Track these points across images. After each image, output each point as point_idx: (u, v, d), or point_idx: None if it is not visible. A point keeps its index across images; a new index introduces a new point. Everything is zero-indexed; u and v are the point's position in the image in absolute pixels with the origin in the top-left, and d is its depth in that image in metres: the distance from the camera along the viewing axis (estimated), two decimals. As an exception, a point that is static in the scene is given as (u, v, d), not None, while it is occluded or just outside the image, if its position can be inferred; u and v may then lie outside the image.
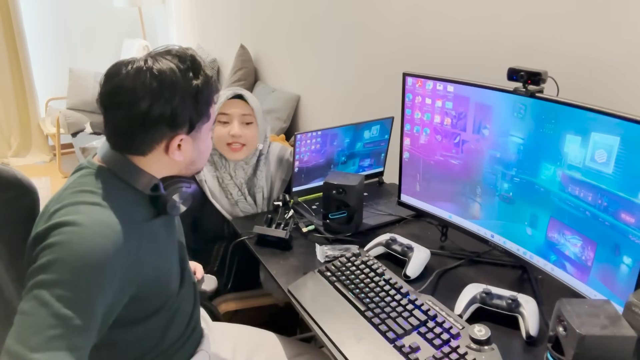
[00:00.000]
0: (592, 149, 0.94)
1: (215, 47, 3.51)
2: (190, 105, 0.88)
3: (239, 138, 1.43)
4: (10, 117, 4.09)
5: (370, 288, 1.09)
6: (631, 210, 0.89)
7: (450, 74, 1.23)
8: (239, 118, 1.44)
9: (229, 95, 1.44)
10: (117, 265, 0.80)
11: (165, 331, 0.99)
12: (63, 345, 0.71)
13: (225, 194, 1.50)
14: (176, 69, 0.87)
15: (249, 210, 1.53)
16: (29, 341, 0.70)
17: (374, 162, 1.71)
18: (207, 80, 0.91)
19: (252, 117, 1.46)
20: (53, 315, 0.72)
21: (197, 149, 0.95)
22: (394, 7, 1.76)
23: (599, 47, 1.15)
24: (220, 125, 1.44)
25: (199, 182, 1.48)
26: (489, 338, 0.91)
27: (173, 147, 0.90)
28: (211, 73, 0.93)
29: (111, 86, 0.86)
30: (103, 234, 0.80)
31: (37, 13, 4.08)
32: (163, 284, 0.95)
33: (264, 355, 1.20)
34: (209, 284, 1.29)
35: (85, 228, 0.79)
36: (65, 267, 0.75)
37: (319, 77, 2.35)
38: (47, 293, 0.73)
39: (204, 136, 0.95)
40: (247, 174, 1.51)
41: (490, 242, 1.22)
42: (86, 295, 0.75)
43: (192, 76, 0.88)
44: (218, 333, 1.20)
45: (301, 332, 1.66)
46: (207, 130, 0.96)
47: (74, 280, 0.75)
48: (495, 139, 1.15)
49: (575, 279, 1.02)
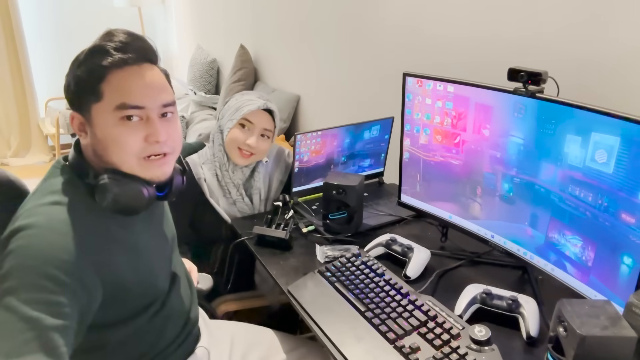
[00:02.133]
0: (592, 149, 0.94)
1: (215, 47, 3.51)
2: (72, 78, 0.86)
3: (253, 149, 1.44)
4: (9, 117, 4.09)
5: (371, 288, 1.09)
6: (631, 210, 0.89)
7: (450, 74, 1.23)
8: (260, 130, 1.45)
9: (261, 105, 1.43)
10: (83, 261, 0.78)
11: (160, 331, 0.97)
12: (37, 347, 0.70)
13: (223, 192, 1.50)
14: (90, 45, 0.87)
15: (246, 210, 1.53)
16: (1, 348, 0.69)
17: (374, 163, 1.71)
18: (94, 48, 0.85)
19: (271, 134, 1.48)
20: (22, 319, 0.70)
21: (94, 135, 0.86)
22: (394, 7, 1.76)
23: (599, 48, 1.15)
24: (239, 129, 1.43)
25: (198, 180, 1.48)
26: (489, 338, 0.91)
27: (74, 127, 0.89)
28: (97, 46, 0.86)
29: None
30: (62, 232, 0.78)
31: (36, 13, 4.08)
32: (146, 283, 0.92)
33: (261, 349, 1.20)
34: (204, 283, 1.29)
35: (42, 229, 0.77)
36: (27, 271, 0.74)
37: (319, 77, 2.35)
38: (13, 299, 0.71)
39: (97, 119, 0.85)
40: (245, 175, 1.52)
41: (491, 243, 1.21)
42: (53, 295, 0.74)
43: (80, 53, 0.86)
44: (215, 329, 1.20)
45: (301, 333, 1.66)
46: (100, 113, 0.85)
47: (38, 282, 0.73)
48: (495, 139, 1.14)
49: (575, 279, 1.02)
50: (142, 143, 0.87)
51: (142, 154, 0.88)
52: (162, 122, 0.89)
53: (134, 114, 0.85)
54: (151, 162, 0.89)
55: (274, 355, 1.20)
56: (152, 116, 0.87)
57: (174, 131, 0.91)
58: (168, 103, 0.90)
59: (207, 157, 1.51)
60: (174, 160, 0.94)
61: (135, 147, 0.86)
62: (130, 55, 0.86)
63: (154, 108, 0.87)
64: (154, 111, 0.87)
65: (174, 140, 0.91)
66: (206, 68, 3.43)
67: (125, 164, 0.87)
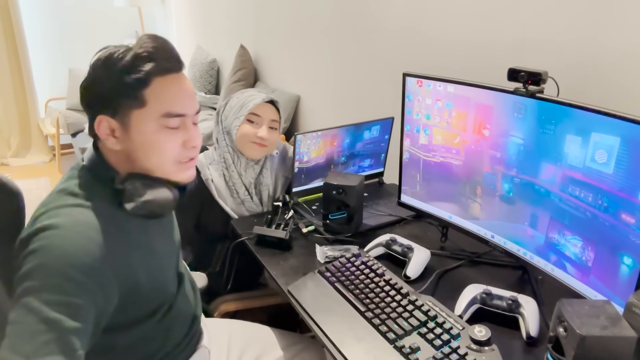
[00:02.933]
0: (592, 149, 0.94)
1: (215, 47, 3.51)
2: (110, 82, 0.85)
3: (265, 141, 1.46)
4: (9, 118, 4.09)
5: (370, 289, 1.09)
6: (631, 210, 0.89)
7: (450, 74, 1.23)
8: (268, 122, 1.47)
9: (264, 98, 1.47)
10: (104, 265, 0.79)
11: (168, 333, 0.98)
12: (57, 349, 0.71)
13: (231, 192, 1.51)
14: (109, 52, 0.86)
15: (255, 209, 1.54)
16: (22, 349, 0.69)
17: (374, 163, 1.71)
18: (134, 59, 0.85)
19: (278, 124, 1.50)
20: (43, 321, 0.71)
21: (129, 139, 0.87)
22: (394, 7, 1.76)
23: (599, 47, 1.15)
24: (248, 124, 1.46)
25: (205, 181, 1.48)
26: (489, 339, 0.91)
27: (101, 131, 0.87)
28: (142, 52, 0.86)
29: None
30: (86, 235, 0.79)
31: (36, 13, 4.08)
32: (158, 286, 0.94)
33: (258, 346, 1.21)
34: (199, 282, 1.29)
35: (66, 230, 0.78)
36: (50, 272, 0.74)
37: (319, 77, 2.35)
38: (34, 299, 0.72)
39: (137, 125, 0.86)
40: (256, 172, 1.53)
41: (491, 243, 1.21)
42: (74, 297, 0.74)
43: (119, 56, 0.85)
44: (212, 328, 1.20)
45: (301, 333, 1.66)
46: (141, 119, 0.86)
47: (60, 283, 0.74)
48: (495, 139, 1.15)
49: (575, 280, 1.02)
50: (181, 148, 0.91)
51: (180, 159, 0.91)
52: (195, 128, 0.94)
53: (177, 122, 0.89)
54: (184, 165, 0.93)
55: (271, 352, 1.21)
56: (189, 123, 0.92)
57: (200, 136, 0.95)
58: (198, 110, 0.95)
59: (213, 158, 1.52)
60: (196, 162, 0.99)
61: (175, 152, 0.90)
62: (174, 64, 0.89)
63: (191, 115, 0.92)
64: (190, 118, 0.92)
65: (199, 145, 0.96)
66: (206, 68, 3.43)
67: (163, 168, 0.90)
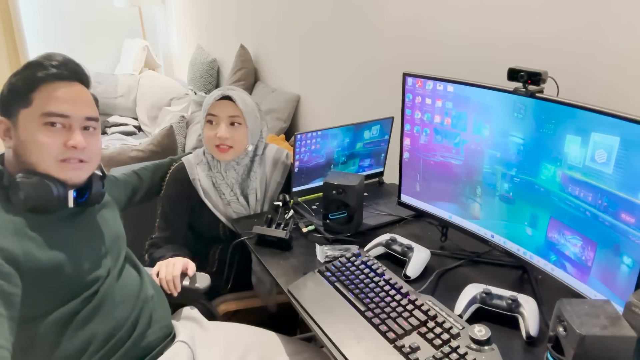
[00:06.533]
0: (592, 149, 0.94)
1: (215, 47, 3.51)
2: (8, 87, 0.97)
3: (226, 140, 1.41)
4: (10, 117, 4.10)
5: (370, 288, 1.09)
6: (631, 210, 0.89)
7: (450, 74, 1.23)
8: (226, 120, 1.41)
9: (217, 96, 1.42)
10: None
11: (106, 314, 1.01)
12: None
13: (218, 193, 1.50)
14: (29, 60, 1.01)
15: (242, 211, 1.52)
16: None
17: (374, 162, 1.71)
18: (32, 62, 0.98)
19: (241, 119, 1.42)
20: None
21: (17, 138, 0.97)
22: (394, 8, 1.76)
23: (599, 47, 1.15)
24: (209, 126, 1.43)
25: (192, 180, 1.48)
26: (489, 338, 0.91)
27: (0, 131, 0.98)
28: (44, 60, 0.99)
29: None
30: None
31: (36, 13, 4.08)
32: (71, 273, 0.97)
33: (259, 353, 1.19)
34: (202, 282, 1.29)
35: None
36: None
37: (319, 77, 2.35)
38: None
39: (23, 123, 0.96)
40: (239, 174, 1.51)
41: (491, 242, 1.22)
42: None
43: (28, 61, 0.99)
44: (213, 331, 1.20)
45: (301, 332, 1.66)
46: (26, 118, 0.96)
47: None
48: (495, 139, 1.15)
49: (575, 279, 1.02)
50: (61, 147, 0.98)
51: (59, 157, 0.98)
52: (84, 133, 1.01)
53: (58, 122, 0.97)
54: (67, 164, 0.99)
55: (274, 358, 1.20)
56: (74, 125, 0.99)
57: (93, 143, 1.02)
58: (91, 117, 1.02)
59: (201, 159, 1.51)
60: (91, 169, 1.05)
61: (53, 149, 0.97)
62: (64, 72, 0.99)
63: (77, 119, 0.99)
64: (76, 121, 0.99)
65: (91, 151, 1.02)
66: (206, 68, 3.43)
67: (43, 163, 0.97)
